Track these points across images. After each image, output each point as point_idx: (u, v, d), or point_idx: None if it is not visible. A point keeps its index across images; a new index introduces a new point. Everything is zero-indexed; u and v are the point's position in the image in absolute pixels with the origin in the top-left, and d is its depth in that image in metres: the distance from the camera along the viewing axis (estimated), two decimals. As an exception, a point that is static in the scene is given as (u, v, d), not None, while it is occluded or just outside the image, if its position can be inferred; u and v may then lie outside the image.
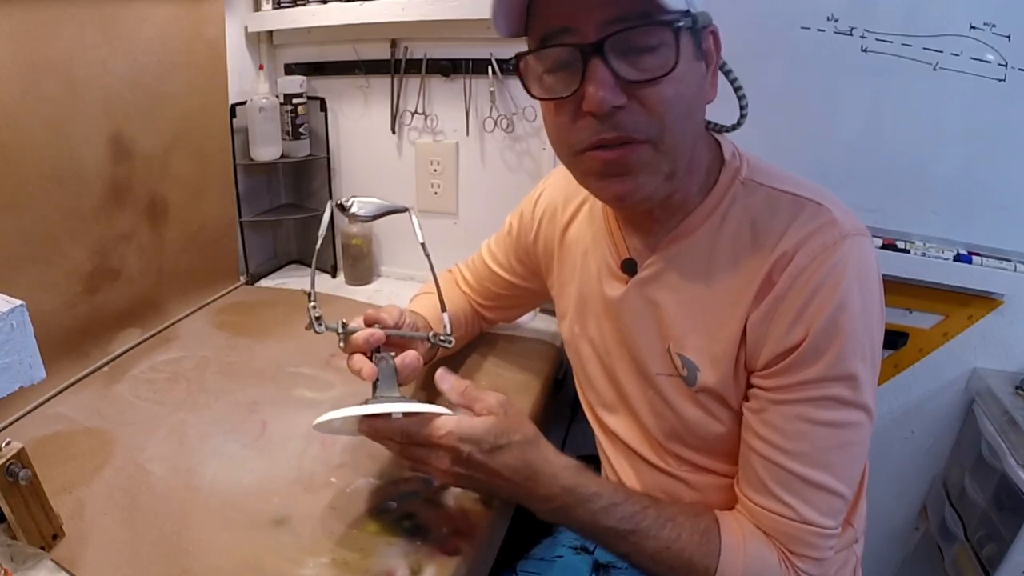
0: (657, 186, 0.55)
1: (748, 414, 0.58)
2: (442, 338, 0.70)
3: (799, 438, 0.55)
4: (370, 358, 0.63)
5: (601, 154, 0.54)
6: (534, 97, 0.56)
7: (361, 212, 0.64)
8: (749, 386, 0.59)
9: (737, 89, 0.61)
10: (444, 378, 0.62)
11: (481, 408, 0.59)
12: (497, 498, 0.62)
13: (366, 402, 0.60)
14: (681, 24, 0.50)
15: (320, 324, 0.63)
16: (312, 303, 0.63)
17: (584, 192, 0.73)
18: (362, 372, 0.61)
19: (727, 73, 0.60)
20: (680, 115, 0.52)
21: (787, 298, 0.54)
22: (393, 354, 0.64)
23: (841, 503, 0.56)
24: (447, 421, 0.57)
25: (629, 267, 0.66)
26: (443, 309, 0.70)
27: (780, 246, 0.54)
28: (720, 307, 0.58)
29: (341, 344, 0.65)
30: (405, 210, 0.66)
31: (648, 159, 0.53)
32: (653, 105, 0.51)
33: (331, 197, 1.27)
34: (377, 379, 0.62)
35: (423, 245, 0.66)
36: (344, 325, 0.64)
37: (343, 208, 0.64)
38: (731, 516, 0.60)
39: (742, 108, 0.61)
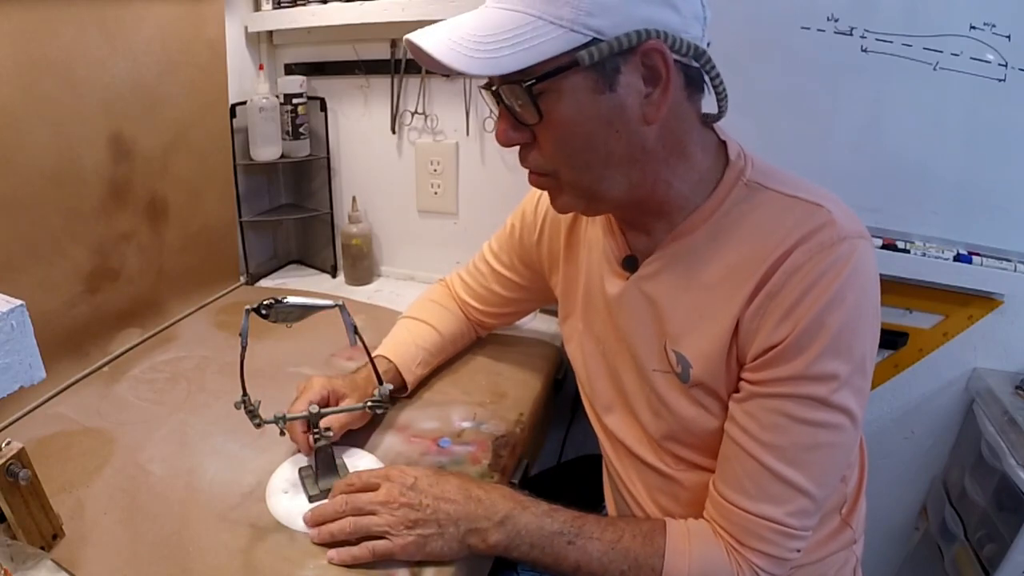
0: (584, 205, 0.60)
1: (732, 405, 0.59)
2: (378, 411, 0.71)
3: (776, 431, 0.55)
4: (314, 439, 0.67)
5: (530, 176, 0.61)
6: None
7: (279, 319, 0.63)
8: (739, 380, 0.59)
9: (714, 78, 0.57)
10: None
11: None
12: (442, 542, 0.59)
13: (311, 499, 0.66)
14: (530, 84, 0.51)
15: (256, 418, 0.65)
16: (245, 395, 0.65)
17: None
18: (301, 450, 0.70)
19: (703, 64, 0.56)
20: (574, 151, 0.55)
21: (780, 295, 0.54)
22: (331, 434, 0.68)
23: (810, 504, 0.56)
24: (392, 465, 0.66)
25: (630, 264, 0.66)
26: (380, 383, 0.70)
27: (779, 247, 0.54)
28: (716, 305, 0.58)
29: (282, 435, 0.68)
30: (335, 306, 0.65)
31: (554, 187, 0.60)
32: (542, 147, 0.56)
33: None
34: (317, 469, 0.67)
35: (360, 338, 0.66)
36: (283, 418, 0.66)
37: (263, 314, 0.62)
38: (679, 522, 0.61)
39: (719, 98, 0.59)
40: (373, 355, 0.71)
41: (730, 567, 0.57)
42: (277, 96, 1.15)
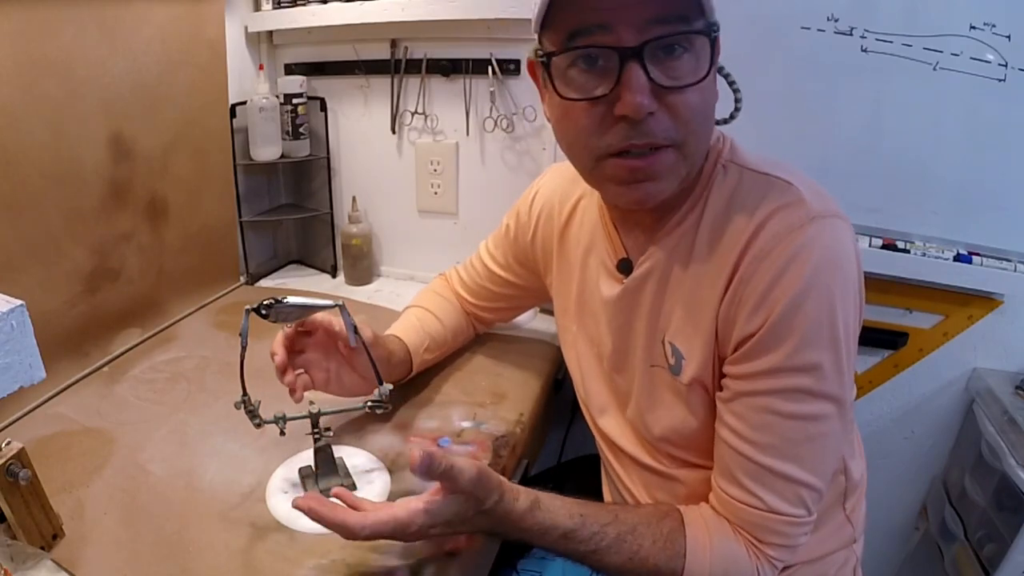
0: (675, 184, 0.56)
1: (719, 404, 0.59)
2: (379, 411, 0.71)
3: (766, 430, 0.55)
4: (314, 439, 0.67)
5: (628, 162, 0.53)
6: (564, 99, 0.54)
7: (279, 319, 0.64)
8: (722, 375, 0.59)
9: (731, 84, 0.61)
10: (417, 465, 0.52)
11: (450, 487, 0.54)
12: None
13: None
14: (715, 33, 0.51)
15: (256, 418, 0.66)
16: (245, 395, 0.65)
17: (579, 191, 0.73)
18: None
19: (719, 69, 0.60)
20: (703, 120, 0.54)
21: (751, 282, 0.53)
22: (331, 433, 0.68)
23: (811, 492, 0.56)
24: (414, 515, 0.53)
25: (625, 267, 0.66)
26: (380, 383, 0.69)
27: (747, 227, 0.54)
28: (702, 294, 0.58)
29: (282, 435, 0.68)
30: (335, 306, 0.65)
31: (672, 164, 0.54)
32: (681, 112, 0.51)
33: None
34: (317, 469, 0.67)
35: (360, 338, 0.66)
36: (283, 418, 0.66)
37: (263, 314, 0.63)
38: (696, 513, 0.60)
39: (737, 102, 0.61)
40: (383, 335, 0.70)
41: (750, 562, 0.57)
42: (277, 96, 1.15)
